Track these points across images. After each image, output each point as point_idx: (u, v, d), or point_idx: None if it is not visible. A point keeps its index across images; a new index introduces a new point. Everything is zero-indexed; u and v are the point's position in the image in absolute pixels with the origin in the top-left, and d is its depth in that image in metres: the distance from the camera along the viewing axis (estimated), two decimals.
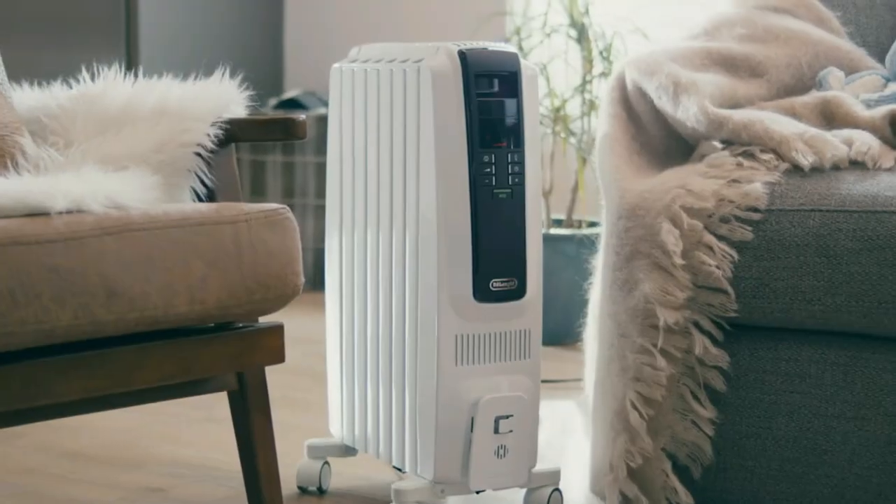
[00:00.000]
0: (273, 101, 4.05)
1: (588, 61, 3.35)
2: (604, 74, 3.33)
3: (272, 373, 1.84)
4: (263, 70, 4.25)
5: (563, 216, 3.49)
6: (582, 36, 3.34)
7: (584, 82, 3.35)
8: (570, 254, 3.27)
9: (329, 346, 2.17)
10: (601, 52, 3.33)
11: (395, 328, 1.98)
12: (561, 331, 3.24)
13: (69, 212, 1.54)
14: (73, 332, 1.51)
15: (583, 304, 3.26)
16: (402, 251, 1.94)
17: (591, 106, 3.34)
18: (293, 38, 4.32)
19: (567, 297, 3.19)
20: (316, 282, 3.75)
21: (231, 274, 1.63)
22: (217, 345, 1.71)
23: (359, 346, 2.08)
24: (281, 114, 3.88)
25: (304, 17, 4.29)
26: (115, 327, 1.55)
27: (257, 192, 3.98)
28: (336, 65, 2.06)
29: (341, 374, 2.15)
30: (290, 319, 1.74)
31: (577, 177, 3.37)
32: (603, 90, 2.17)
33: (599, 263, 2.17)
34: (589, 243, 3.23)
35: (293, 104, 3.99)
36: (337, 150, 2.09)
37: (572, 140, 3.36)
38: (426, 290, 1.88)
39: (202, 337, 1.69)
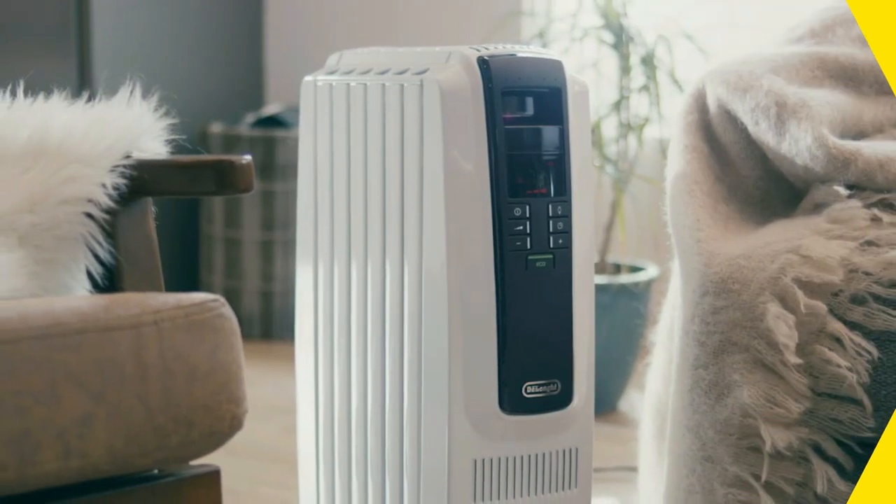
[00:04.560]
0: (250, 118, 3.90)
1: (626, 71, 3.08)
2: (645, 88, 3.06)
3: (237, 458, 1.39)
4: (239, 81, 4.12)
5: (595, 259, 3.09)
6: (619, 41, 3.07)
7: (622, 97, 3.08)
8: (604, 305, 2.95)
9: (301, 444, 1.89)
10: (642, 60, 3.05)
11: (389, 441, 1.71)
12: (595, 399, 2.84)
13: None
14: None
15: (621, 365, 3.03)
16: (399, 331, 1.69)
17: (629, 126, 3.08)
18: (275, 43, 4.19)
19: (602, 357, 2.84)
20: None
21: (130, 409, 1.19)
22: None
23: (340, 451, 1.81)
24: (260, 132, 3.71)
25: (288, 21, 4.17)
26: None
27: (232, 226, 3.81)
28: (308, 77, 1.81)
29: (317, 488, 1.85)
30: (264, 381, 1.26)
31: (614, 212, 3.10)
32: (675, 112, 1.94)
33: (669, 350, 1.88)
34: (628, 293, 2.98)
35: (273, 122, 3.84)
36: (310, 188, 1.83)
37: (608, 168, 3.09)
38: (432, 394, 1.63)
39: (91, 497, 1.23)
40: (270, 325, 3.72)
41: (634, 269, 3.15)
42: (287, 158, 3.67)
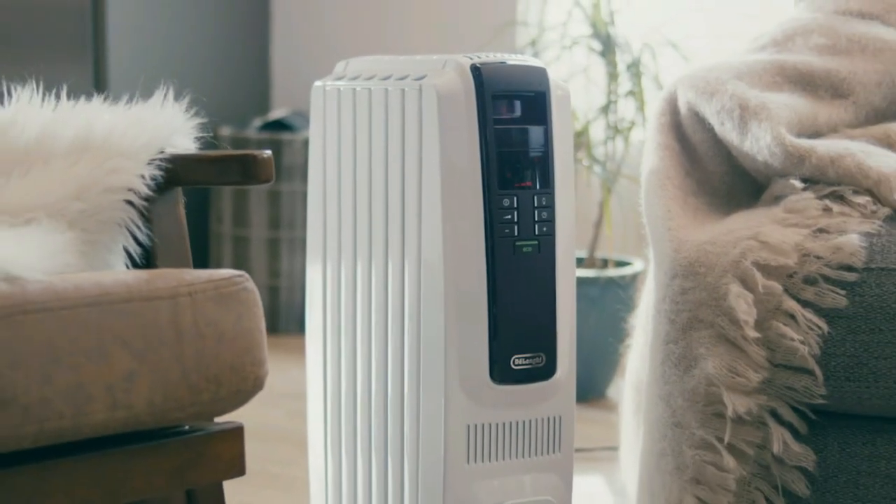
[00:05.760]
0: (258, 122, 3.88)
1: (613, 78, 3.12)
2: (631, 93, 3.10)
3: (248, 439, 1.53)
4: (247, 87, 4.12)
5: (584, 254, 3.26)
6: (607, 49, 3.11)
7: (609, 102, 3.12)
8: (593, 297, 3.05)
9: (310, 420, 1.93)
10: (628, 67, 3.09)
11: (391, 409, 1.76)
12: (584, 386, 2.97)
13: None
14: None
15: (609, 354, 3.03)
16: (400, 311, 1.73)
17: (616, 129, 3.12)
18: (281, 50, 4.18)
19: (590, 346, 2.99)
20: (304, 325, 3.49)
21: (168, 368, 1.31)
22: (153, 457, 1.36)
23: (346, 423, 1.85)
24: (267, 135, 3.73)
25: (294, 28, 4.16)
26: (3, 445, 1.21)
27: (240, 224, 3.80)
28: (318, 83, 1.85)
29: (325, 460, 1.90)
30: (271, 371, 1.41)
31: (602, 210, 3.15)
32: (650, 114, 1.99)
33: (646, 331, 1.92)
34: (615, 286, 3.04)
35: (280, 126, 3.82)
36: (320, 185, 1.87)
37: (596, 168, 3.13)
38: (430, 367, 1.68)
39: (132, 447, 1.34)
40: (277, 318, 3.71)
41: (621, 264, 3.18)
42: (293, 160, 3.64)
